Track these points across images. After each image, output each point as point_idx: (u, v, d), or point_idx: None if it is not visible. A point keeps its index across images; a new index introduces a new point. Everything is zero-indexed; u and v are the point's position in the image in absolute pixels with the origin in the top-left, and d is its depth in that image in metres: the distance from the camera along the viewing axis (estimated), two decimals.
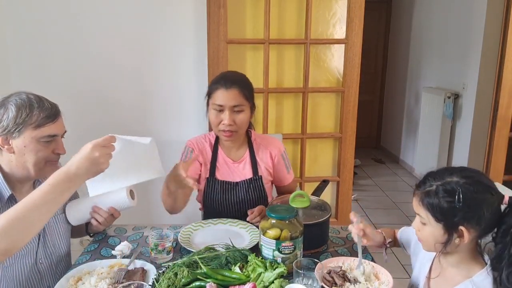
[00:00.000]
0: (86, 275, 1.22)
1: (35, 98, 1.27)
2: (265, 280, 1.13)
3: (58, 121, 1.29)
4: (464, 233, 1.00)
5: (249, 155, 1.66)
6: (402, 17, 5.17)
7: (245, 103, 1.55)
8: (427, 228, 1.05)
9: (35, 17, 2.32)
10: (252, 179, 1.65)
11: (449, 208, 0.99)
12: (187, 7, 2.38)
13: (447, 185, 1.00)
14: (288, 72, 2.61)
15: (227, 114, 1.51)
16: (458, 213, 0.99)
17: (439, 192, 1.01)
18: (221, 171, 1.66)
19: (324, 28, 2.57)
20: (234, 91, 1.51)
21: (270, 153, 1.68)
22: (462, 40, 3.67)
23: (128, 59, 2.42)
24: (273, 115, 2.65)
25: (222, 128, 1.54)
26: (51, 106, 1.28)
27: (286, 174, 1.75)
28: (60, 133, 1.31)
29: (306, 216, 1.41)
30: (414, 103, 4.80)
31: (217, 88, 1.52)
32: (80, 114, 2.42)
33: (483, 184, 1.01)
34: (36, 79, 2.38)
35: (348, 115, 2.61)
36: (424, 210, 1.04)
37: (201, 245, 1.38)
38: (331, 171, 2.79)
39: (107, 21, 2.36)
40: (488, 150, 2.94)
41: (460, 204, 0.98)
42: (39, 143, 1.24)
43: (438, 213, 1.01)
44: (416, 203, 1.07)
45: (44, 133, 1.24)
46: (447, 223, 1.01)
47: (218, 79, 1.57)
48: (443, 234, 1.03)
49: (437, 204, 1.01)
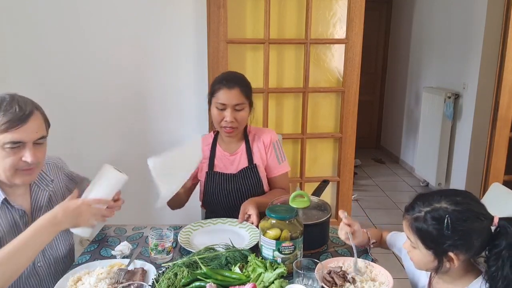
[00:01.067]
0: (86, 275, 1.22)
1: (9, 98, 1.18)
2: (265, 281, 1.13)
3: (25, 126, 1.17)
4: (453, 259, 1.00)
5: (244, 147, 1.75)
6: (403, 17, 5.17)
7: (246, 101, 1.65)
8: (417, 252, 1.06)
9: (34, 17, 2.31)
10: (248, 168, 1.72)
11: (438, 235, 0.99)
12: (187, 7, 2.38)
13: (435, 212, 1.00)
14: (288, 72, 2.61)
15: (229, 112, 1.61)
16: (447, 241, 0.99)
17: (428, 219, 1.00)
18: (219, 165, 1.75)
19: (324, 28, 2.57)
20: (236, 90, 1.61)
21: (263, 141, 1.76)
22: (463, 40, 3.67)
23: (128, 59, 2.41)
24: (273, 115, 2.64)
25: (224, 125, 1.64)
26: (19, 110, 1.16)
27: (277, 164, 1.78)
28: (29, 140, 1.19)
29: (306, 216, 1.40)
30: (414, 103, 4.80)
31: (220, 88, 1.62)
32: (80, 114, 2.42)
33: (473, 211, 1.00)
34: (35, 79, 2.37)
35: (348, 115, 2.61)
36: (413, 235, 1.05)
37: (201, 245, 1.38)
38: (331, 171, 2.79)
39: (106, 21, 2.36)
40: (488, 150, 2.94)
41: (449, 232, 0.98)
42: (3, 149, 1.16)
43: (428, 240, 1.02)
44: (406, 227, 1.07)
45: (6, 139, 1.15)
46: (436, 250, 1.02)
47: (220, 79, 1.66)
48: (433, 260, 1.03)
49: (425, 231, 1.01)
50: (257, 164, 1.73)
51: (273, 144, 1.77)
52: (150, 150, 2.54)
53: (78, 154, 2.38)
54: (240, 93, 1.61)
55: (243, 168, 1.72)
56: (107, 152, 2.52)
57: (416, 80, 4.76)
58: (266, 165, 1.77)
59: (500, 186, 1.52)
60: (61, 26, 2.34)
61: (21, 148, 1.18)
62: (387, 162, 5.30)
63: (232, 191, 1.72)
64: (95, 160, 2.04)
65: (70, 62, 2.39)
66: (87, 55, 2.39)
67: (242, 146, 1.75)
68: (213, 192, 1.73)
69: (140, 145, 2.54)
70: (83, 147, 2.45)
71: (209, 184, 1.73)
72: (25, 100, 1.22)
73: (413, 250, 1.08)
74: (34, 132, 1.20)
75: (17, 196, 1.29)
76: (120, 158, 2.54)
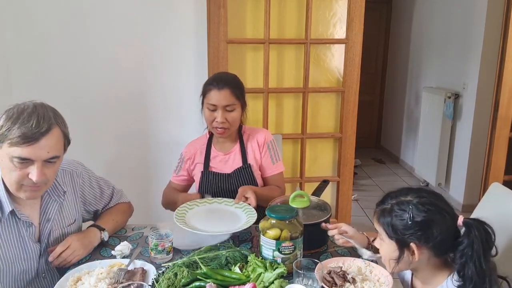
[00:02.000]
0: (86, 275, 1.22)
1: (30, 110, 1.13)
2: (265, 281, 1.13)
3: (37, 145, 1.11)
4: (414, 250, 1.06)
5: (239, 147, 1.76)
6: (403, 17, 5.17)
7: (236, 102, 1.66)
8: (384, 245, 1.12)
9: (36, 17, 2.31)
10: (242, 167, 1.73)
11: (400, 225, 1.06)
12: (187, 7, 2.38)
13: (400, 204, 1.07)
14: (288, 72, 2.61)
15: (220, 113, 1.62)
16: (408, 231, 1.05)
17: (393, 210, 1.08)
18: (214, 165, 1.76)
19: (324, 28, 2.57)
20: (226, 91, 1.62)
21: (257, 140, 1.77)
22: (463, 40, 3.67)
23: (128, 59, 2.41)
24: (273, 115, 2.64)
25: (215, 126, 1.66)
26: (36, 126, 1.11)
27: (271, 164, 1.78)
28: (38, 159, 1.13)
29: (306, 216, 1.40)
30: (414, 103, 4.79)
31: (210, 89, 1.64)
32: (80, 114, 2.42)
33: (435, 205, 1.06)
34: (35, 79, 2.37)
35: (348, 115, 2.61)
36: (379, 227, 1.11)
37: (197, 224, 1.41)
38: (331, 171, 2.79)
39: (106, 21, 2.36)
40: (488, 150, 2.93)
41: (410, 223, 1.04)
42: (12, 161, 1.12)
43: (390, 230, 1.08)
44: (375, 220, 1.14)
45: (15, 154, 1.10)
46: (399, 240, 1.07)
47: (211, 80, 1.68)
48: (394, 251, 1.09)
49: (389, 222, 1.08)
50: (251, 164, 1.74)
51: (267, 144, 1.77)
52: (150, 150, 2.56)
53: (78, 154, 2.38)
54: (230, 94, 1.62)
55: (238, 168, 1.73)
56: (107, 152, 2.52)
57: (416, 80, 4.76)
58: (260, 165, 1.77)
59: (500, 186, 1.52)
60: (62, 26, 2.34)
61: (29, 164, 1.13)
62: (387, 162, 5.30)
63: (227, 191, 1.73)
64: (95, 160, 2.05)
65: (70, 62, 2.39)
66: (87, 55, 2.39)
67: (236, 146, 1.76)
68: (208, 191, 1.74)
69: (140, 145, 2.55)
70: (83, 147, 2.45)
71: (204, 184, 1.74)
72: (47, 114, 1.15)
73: (381, 244, 1.13)
74: (45, 152, 1.13)
75: (27, 206, 1.27)
76: (120, 158, 2.54)
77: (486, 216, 1.18)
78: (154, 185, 2.56)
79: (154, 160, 2.56)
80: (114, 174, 2.06)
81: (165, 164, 2.54)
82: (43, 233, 1.30)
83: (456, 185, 3.77)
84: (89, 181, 1.48)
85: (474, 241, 1.03)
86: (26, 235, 1.25)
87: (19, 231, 1.24)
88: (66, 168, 1.40)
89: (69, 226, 1.39)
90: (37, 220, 1.30)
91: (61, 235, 1.36)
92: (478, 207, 1.52)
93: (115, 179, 1.68)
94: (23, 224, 1.25)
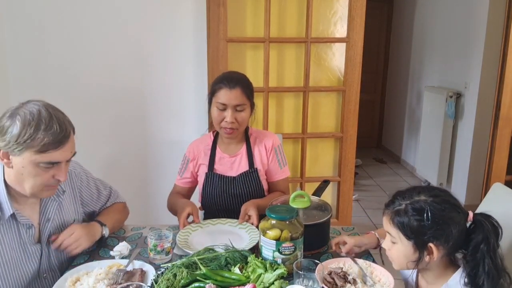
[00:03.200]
0: (84, 276, 1.21)
1: (47, 115, 1.13)
2: (265, 281, 1.12)
3: (64, 147, 1.16)
4: (433, 250, 1.03)
5: (245, 150, 1.72)
6: (404, 16, 5.15)
7: (247, 102, 1.62)
8: (398, 247, 1.08)
9: (34, 16, 2.31)
10: (248, 172, 1.70)
11: (418, 226, 1.03)
12: (187, 6, 2.37)
13: (415, 204, 1.04)
14: (289, 71, 2.60)
15: (230, 112, 1.58)
16: (427, 231, 1.02)
17: (409, 210, 1.04)
18: (219, 167, 1.71)
19: (325, 27, 2.56)
20: (237, 91, 1.58)
21: (265, 145, 1.73)
22: (464, 39, 3.65)
23: (127, 58, 2.41)
24: (273, 115, 2.63)
25: (224, 126, 1.60)
26: (60, 130, 1.14)
27: (278, 169, 1.76)
28: (64, 159, 1.18)
29: (306, 216, 1.39)
30: (415, 102, 4.78)
31: (221, 87, 1.59)
32: (80, 114, 2.40)
33: (450, 203, 1.04)
34: (35, 79, 2.37)
35: (349, 115, 2.60)
36: (394, 229, 1.07)
37: (200, 246, 1.37)
38: (332, 171, 2.78)
39: (106, 20, 2.35)
40: (490, 150, 2.93)
41: (429, 222, 1.01)
42: (38, 167, 1.14)
43: (409, 231, 1.04)
44: (387, 222, 1.09)
45: (44, 159, 1.13)
46: (417, 241, 1.04)
47: (221, 78, 1.63)
48: (413, 252, 1.05)
49: (407, 223, 1.04)
50: (258, 168, 1.70)
51: (275, 149, 1.75)
52: (150, 150, 2.55)
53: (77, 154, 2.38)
54: (241, 93, 1.58)
55: (244, 171, 1.69)
56: (107, 152, 2.51)
57: (418, 79, 4.75)
58: (267, 170, 1.75)
59: (501, 186, 1.51)
60: (61, 26, 2.33)
61: (54, 167, 1.17)
62: (388, 162, 5.29)
63: (232, 195, 1.69)
64: (94, 160, 2.04)
65: (68, 61, 2.38)
66: (85, 55, 2.38)
67: (242, 148, 1.72)
68: (212, 194, 1.70)
69: (139, 145, 2.54)
70: (83, 147, 2.44)
71: (208, 186, 1.70)
72: (60, 115, 1.18)
73: (393, 247, 1.09)
74: (69, 152, 1.19)
75: (27, 206, 1.27)
76: (119, 158, 2.54)
77: None
78: (153, 185, 2.55)
79: (154, 160, 2.56)
80: (113, 174, 2.06)
81: (164, 164, 2.54)
82: (43, 233, 1.29)
83: (458, 185, 3.76)
84: (87, 181, 1.48)
85: (489, 236, 1.01)
86: (26, 237, 1.25)
87: (19, 233, 1.24)
88: None
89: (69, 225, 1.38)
90: (37, 221, 1.29)
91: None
92: (480, 207, 1.51)
93: (114, 180, 1.68)
94: (23, 226, 1.24)
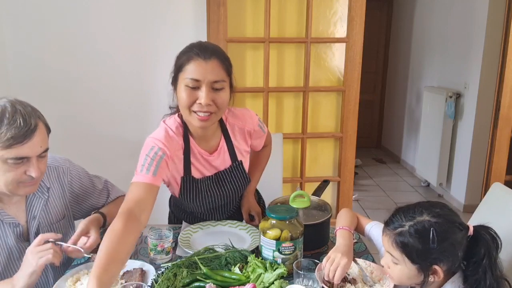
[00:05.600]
0: (85, 275, 1.21)
1: (10, 110, 1.10)
2: (265, 281, 1.12)
3: (30, 142, 1.11)
4: (438, 272, 1.00)
5: (225, 142, 1.43)
6: (404, 16, 5.15)
7: (226, 79, 1.27)
8: (401, 268, 1.04)
9: (34, 17, 2.31)
10: (232, 166, 1.46)
11: (423, 249, 0.98)
12: (187, 6, 2.37)
13: (419, 225, 0.99)
14: (289, 71, 2.60)
15: (205, 91, 1.22)
16: (432, 254, 0.99)
17: (412, 233, 0.99)
18: (197, 167, 1.41)
19: (325, 27, 2.56)
20: (214, 62, 1.22)
21: (247, 130, 1.47)
22: (464, 39, 3.65)
23: (127, 59, 2.41)
24: (273, 115, 2.64)
25: (197, 109, 1.24)
26: (24, 124, 1.09)
27: (263, 134, 1.56)
28: (34, 155, 1.14)
29: (306, 216, 1.39)
30: (415, 102, 4.78)
31: (191, 58, 1.22)
32: (79, 114, 2.41)
33: (453, 222, 1.00)
34: (35, 79, 2.37)
35: (349, 115, 2.60)
36: (397, 251, 1.02)
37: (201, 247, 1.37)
38: (331, 171, 2.78)
39: (105, 20, 2.35)
40: (490, 150, 2.93)
41: (434, 245, 0.97)
42: (7, 163, 1.11)
43: (414, 255, 1.00)
44: (389, 243, 1.04)
45: (10, 155, 1.09)
46: (422, 264, 1.00)
47: (190, 47, 1.26)
48: (417, 274, 1.02)
49: (411, 246, 0.99)
50: (242, 160, 1.48)
51: (259, 125, 1.51)
52: None
53: (78, 154, 2.38)
54: (219, 66, 1.23)
55: (227, 167, 1.46)
56: (107, 152, 2.51)
57: (417, 79, 4.75)
58: (252, 145, 1.54)
59: (501, 186, 1.51)
60: (60, 24, 2.33)
61: (24, 162, 1.13)
62: (388, 162, 5.29)
63: (216, 194, 1.47)
64: (95, 160, 2.04)
65: (70, 62, 2.38)
66: (87, 55, 2.38)
67: (221, 142, 1.43)
68: (194, 199, 1.43)
69: (139, 145, 2.53)
70: (83, 147, 2.45)
71: (187, 192, 1.42)
72: (27, 110, 1.14)
73: (394, 266, 1.05)
74: (38, 147, 1.14)
75: (12, 205, 1.25)
76: (120, 158, 2.53)
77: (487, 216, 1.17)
78: None
79: None
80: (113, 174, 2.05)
81: None
82: (31, 231, 1.28)
83: (458, 185, 3.76)
84: (78, 175, 1.43)
85: (490, 250, 0.99)
86: (13, 237, 1.23)
87: (5, 233, 1.22)
88: (51, 164, 1.36)
89: (58, 222, 1.36)
90: (24, 219, 1.28)
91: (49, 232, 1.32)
92: (480, 208, 1.51)
93: (114, 180, 1.67)
94: (9, 225, 1.23)
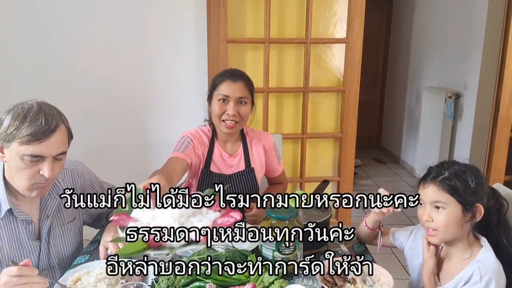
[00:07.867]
0: (85, 275, 1.21)
1: (36, 109, 1.15)
2: (265, 281, 1.13)
3: (48, 141, 1.15)
4: (480, 210, 1.13)
5: (242, 149, 1.73)
6: (403, 17, 5.16)
7: (249, 96, 1.64)
8: (447, 212, 1.13)
9: (35, 18, 2.31)
10: (245, 171, 1.71)
11: (466, 187, 1.13)
12: (187, 7, 2.38)
13: (458, 171, 1.15)
14: (289, 72, 2.61)
15: (232, 105, 1.59)
16: (473, 192, 1.13)
17: (454, 176, 1.14)
18: (216, 164, 1.71)
19: (325, 28, 2.57)
20: (240, 83, 1.61)
21: (263, 145, 1.76)
22: (463, 40, 3.66)
23: (127, 59, 2.41)
24: (273, 115, 2.64)
25: (225, 118, 1.60)
26: (45, 123, 1.14)
27: (277, 165, 1.82)
28: (49, 155, 1.16)
29: (306, 216, 1.40)
30: (415, 103, 4.79)
31: (224, 80, 1.61)
32: (79, 114, 2.41)
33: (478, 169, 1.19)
34: (36, 79, 2.37)
35: (348, 115, 2.61)
36: (445, 194, 1.13)
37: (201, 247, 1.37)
38: (331, 171, 2.78)
39: (106, 20, 2.36)
40: (489, 150, 2.93)
41: (474, 184, 1.13)
42: (22, 160, 1.14)
43: (460, 193, 1.13)
44: (433, 191, 1.15)
45: (27, 152, 1.13)
46: (467, 202, 1.13)
47: (224, 72, 1.67)
48: (462, 214, 1.13)
49: (456, 187, 1.13)
50: (255, 168, 1.72)
51: (274, 147, 1.79)
52: (150, 150, 2.56)
53: (77, 153, 2.38)
54: (244, 86, 1.61)
55: (240, 171, 1.71)
56: (107, 152, 2.52)
57: (417, 79, 4.75)
58: (267, 168, 1.79)
59: (501, 186, 1.51)
60: (60, 23, 2.34)
61: (40, 162, 1.16)
62: (388, 162, 5.29)
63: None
64: (95, 160, 2.04)
65: (70, 62, 2.39)
66: (87, 56, 2.38)
67: (240, 148, 1.73)
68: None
69: (140, 145, 2.54)
70: (83, 147, 2.45)
71: (203, 183, 1.70)
72: (52, 112, 1.18)
73: (439, 214, 1.14)
74: (55, 148, 1.17)
75: (26, 202, 1.27)
76: (119, 157, 2.54)
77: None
78: None
79: (154, 160, 2.55)
80: (113, 174, 2.05)
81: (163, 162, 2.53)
82: (42, 229, 1.30)
83: None
84: (90, 181, 1.47)
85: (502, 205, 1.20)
86: (25, 233, 1.25)
87: (18, 229, 1.24)
88: (68, 167, 1.39)
89: (69, 223, 1.38)
90: (37, 217, 1.30)
91: (61, 232, 1.36)
92: None
93: (114, 180, 1.67)
94: (22, 222, 1.25)
